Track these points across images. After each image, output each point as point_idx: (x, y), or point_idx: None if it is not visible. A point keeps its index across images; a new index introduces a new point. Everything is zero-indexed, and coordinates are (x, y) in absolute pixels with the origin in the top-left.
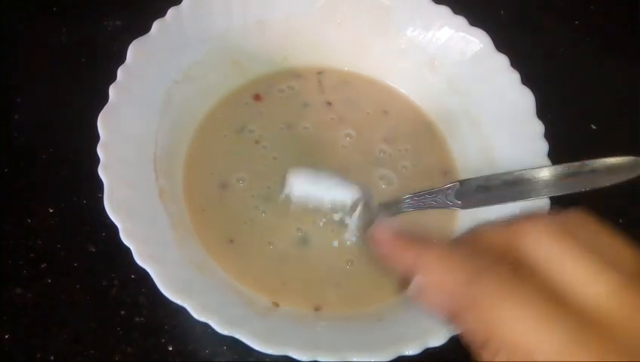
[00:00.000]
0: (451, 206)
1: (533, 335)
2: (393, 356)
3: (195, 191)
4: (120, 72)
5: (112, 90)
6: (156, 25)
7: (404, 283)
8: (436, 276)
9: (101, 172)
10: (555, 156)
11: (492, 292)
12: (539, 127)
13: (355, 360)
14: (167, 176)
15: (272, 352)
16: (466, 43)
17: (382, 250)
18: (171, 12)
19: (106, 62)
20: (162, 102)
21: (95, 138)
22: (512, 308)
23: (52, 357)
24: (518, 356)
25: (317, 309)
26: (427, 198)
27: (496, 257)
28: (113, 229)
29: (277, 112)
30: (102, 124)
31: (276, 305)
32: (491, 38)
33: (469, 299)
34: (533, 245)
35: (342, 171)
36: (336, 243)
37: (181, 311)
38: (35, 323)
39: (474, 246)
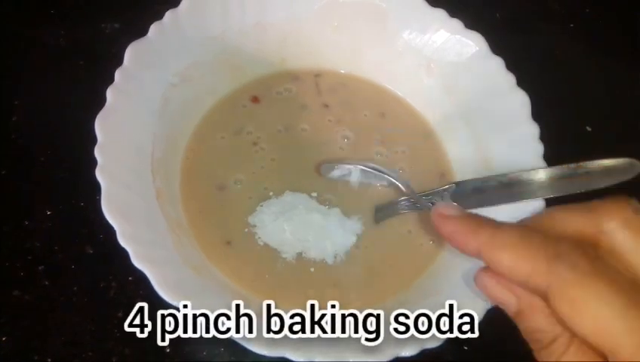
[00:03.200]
0: None
1: (620, 322)
2: (390, 357)
3: (192, 193)
4: (117, 74)
5: (109, 93)
6: (154, 27)
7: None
8: (509, 261)
9: (99, 174)
10: (551, 158)
11: (573, 278)
12: (534, 129)
13: (352, 361)
14: (165, 178)
15: (268, 353)
16: (462, 46)
17: (447, 228)
18: (169, 14)
19: (104, 64)
20: (160, 104)
21: (93, 140)
22: (597, 293)
23: (49, 360)
24: (588, 354)
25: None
26: (423, 200)
27: (573, 242)
28: (111, 231)
29: (274, 114)
30: (99, 126)
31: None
32: (487, 41)
33: (545, 288)
34: (619, 231)
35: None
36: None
37: None
38: (33, 325)
39: (548, 230)
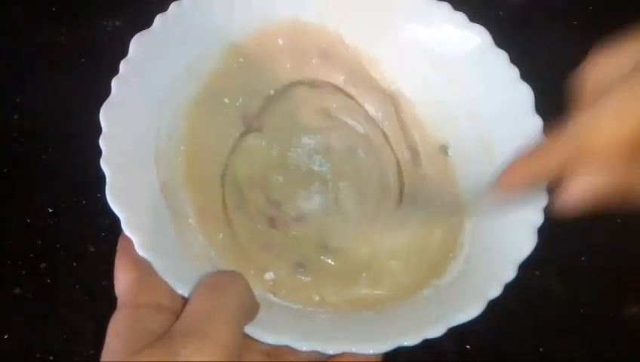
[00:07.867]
0: None
1: None
2: (392, 346)
3: (196, 185)
4: (122, 65)
5: (114, 83)
6: (158, 19)
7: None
8: None
9: (103, 164)
10: None
11: None
12: (537, 122)
13: (354, 350)
14: (169, 169)
15: (271, 342)
16: (466, 39)
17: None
18: (173, 6)
19: (106, 62)
20: (164, 95)
21: (94, 138)
22: None
23: (51, 357)
24: None
25: (317, 300)
26: None
27: None
28: (113, 229)
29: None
30: (104, 116)
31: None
32: (490, 35)
33: None
34: None
35: None
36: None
37: None
38: (34, 323)
39: None
